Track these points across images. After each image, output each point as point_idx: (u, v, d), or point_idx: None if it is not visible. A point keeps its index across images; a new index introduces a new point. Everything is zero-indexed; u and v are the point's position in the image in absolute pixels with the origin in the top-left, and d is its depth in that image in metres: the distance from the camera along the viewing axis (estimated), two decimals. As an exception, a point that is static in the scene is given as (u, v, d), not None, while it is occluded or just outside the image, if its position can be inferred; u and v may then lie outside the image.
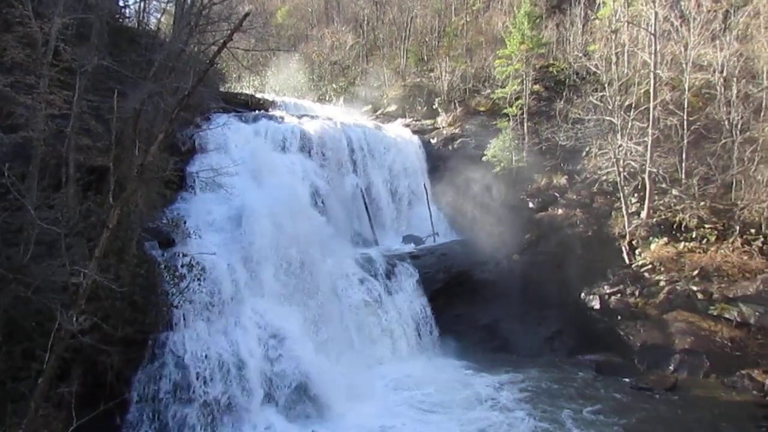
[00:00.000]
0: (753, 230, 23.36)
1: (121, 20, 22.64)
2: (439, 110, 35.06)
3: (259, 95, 36.06)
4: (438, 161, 31.03)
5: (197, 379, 15.21)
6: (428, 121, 34.87)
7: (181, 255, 16.39)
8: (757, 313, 20.48)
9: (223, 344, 16.21)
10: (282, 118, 27.41)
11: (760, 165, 23.95)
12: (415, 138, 32.06)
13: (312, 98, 41.42)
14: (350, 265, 22.36)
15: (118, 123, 14.98)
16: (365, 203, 26.71)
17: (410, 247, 26.28)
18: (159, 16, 25.58)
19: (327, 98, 42.28)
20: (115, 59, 16.56)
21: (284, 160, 24.08)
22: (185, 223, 18.03)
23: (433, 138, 32.80)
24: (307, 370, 16.90)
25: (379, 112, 37.69)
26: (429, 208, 28.37)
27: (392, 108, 37.32)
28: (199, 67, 17.50)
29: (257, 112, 28.55)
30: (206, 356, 15.62)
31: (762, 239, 23.02)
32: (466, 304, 23.14)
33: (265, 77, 45.48)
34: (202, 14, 18.72)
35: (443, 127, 33.70)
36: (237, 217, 19.38)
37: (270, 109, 31.46)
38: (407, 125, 34.26)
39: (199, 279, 16.17)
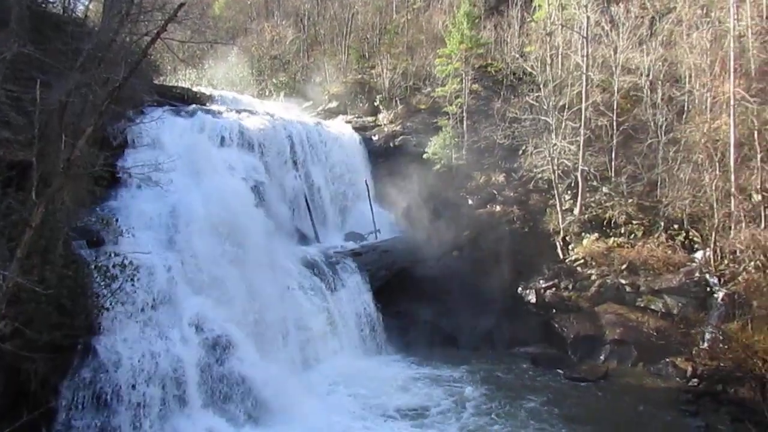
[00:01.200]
0: (676, 226, 24.75)
1: (44, 6, 21.29)
2: (381, 107, 35.14)
3: (196, 89, 34.88)
4: (380, 158, 31.12)
5: (130, 384, 14.58)
6: (370, 118, 34.88)
7: (112, 255, 15.63)
8: (679, 304, 21.71)
9: (159, 347, 15.57)
10: (220, 112, 26.66)
11: (683, 164, 25.40)
12: (357, 135, 32.00)
13: (252, 93, 40.50)
14: (292, 262, 22.07)
15: (42, 115, 14.04)
16: (307, 200, 26.44)
17: (352, 245, 26.22)
18: (87, 3, 24.32)
19: (267, 93, 41.49)
20: (38, 47, 15.54)
21: (223, 155, 23.40)
22: (117, 221, 17.23)
23: (374, 135, 32.84)
24: (248, 371, 16.55)
25: (321, 108, 37.36)
26: (371, 205, 28.40)
27: (334, 104, 37.09)
28: (131, 58, 16.70)
29: (194, 106, 27.65)
30: (140, 360, 14.99)
31: (684, 234, 24.43)
32: (409, 300, 23.33)
33: (202, 70, 44.12)
34: (134, 3, 17.88)
35: (385, 125, 33.80)
36: (174, 215, 18.71)
37: (207, 104, 30.53)
38: (349, 122, 34.14)
39: (132, 279, 15.48)
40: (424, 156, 30.42)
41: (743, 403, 16.86)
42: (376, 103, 35.39)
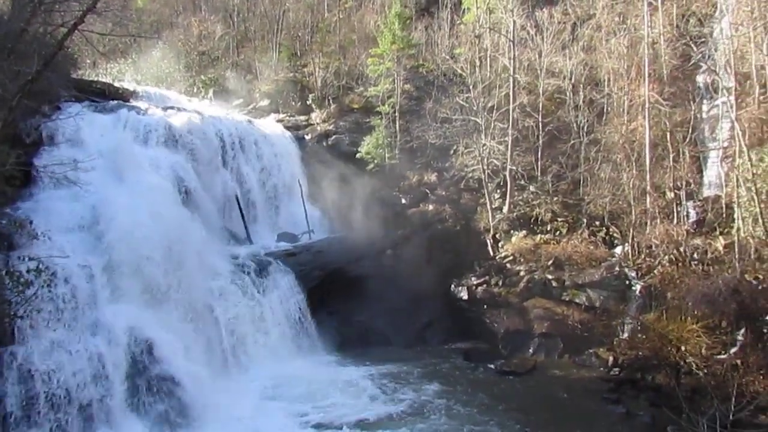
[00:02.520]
0: (597, 222, 25.99)
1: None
2: (313, 106, 34.83)
3: (118, 84, 33.34)
4: (313, 158, 30.82)
5: (49, 395, 13.74)
6: (302, 117, 34.48)
7: (26, 259, 14.67)
8: (601, 297, 22.81)
9: (80, 355, 14.78)
10: (145, 109, 25.60)
11: (603, 164, 26.72)
12: (289, 134, 31.57)
13: (179, 90, 39.10)
14: (222, 264, 21.52)
15: (-56, 110, 13.00)
16: (238, 200, 25.81)
17: (285, 245, 25.84)
18: (-6, -11, 22.66)
19: (196, 90, 40.11)
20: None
21: (148, 154, 22.48)
22: (31, 223, 16.18)
23: (307, 134, 32.52)
24: (175, 375, 16.01)
25: (252, 106, 36.58)
26: (304, 205, 28.10)
27: (265, 103, 36.39)
28: (45, 50, 15.68)
29: (116, 102, 26.39)
30: (59, 369, 14.14)
31: (605, 231, 25.68)
32: (343, 300, 23.28)
33: (125, 65, 42.16)
34: (48, -9, 16.80)
35: (317, 124, 33.54)
36: (94, 216, 17.80)
37: (131, 100, 29.23)
38: (281, 121, 33.61)
39: (48, 285, 14.60)
40: (358, 155, 30.46)
41: (660, 389, 17.93)
42: (308, 102, 35.04)
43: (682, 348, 17.46)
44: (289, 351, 21.27)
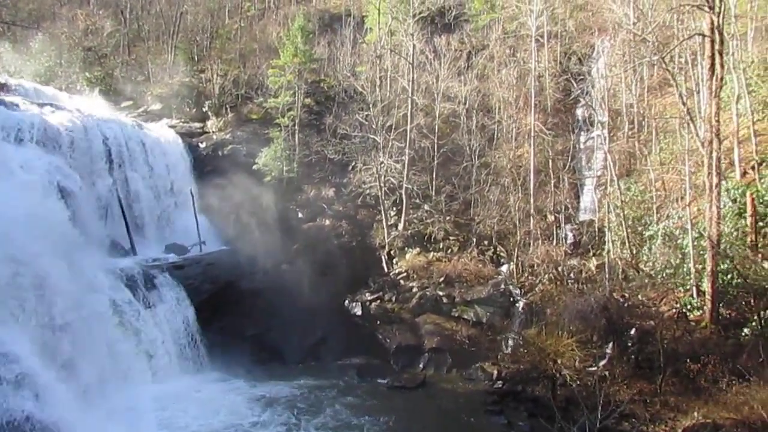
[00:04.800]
0: (486, 242, 27.33)
1: None
2: (210, 114, 33.71)
3: (-15, 75, 30.30)
4: (207, 167, 29.76)
5: None
6: (197, 124, 33.24)
7: None
8: (488, 313, 23.89)
9: None
10: (17, 104, 23.36)
11: (492, 186, 28.27)
12: (182, 141, 30.27)
13: (59, 86, 36.13)
14: (102, 276, 19.96)
15: None
16: (122, 208, 24.22)
17: (174, 257, 24.60)
18: None
19: (79, 88, 37.29)
20: None
21: (19, 154, 20.50)
22: None
23: (202, 142, 31.35)
24: (44, 398, 14.50)
25: (142, 109, 34.68)
26: (195, 216, 26.94)
27: (157, 106, 34.65)
28: None
29: (-18, 95, 23.92)
30: None
31: (493, 250, 27.07)
32: (234, 315, 22.50)
33: (-5, 55, 38.35)
34: None
35: (213, 132, 32.49)
36: (-51, 221, 15.85)
37: (1, 93, 26.58)
38: (173, 126, 32.17)
39: None
40: (255, 167, 29.83)
41: (538, 400, 18.99)
42: (204, 109, 33.86)
43: (559, 361, 18.64)
44: (175, 369, 20.14)
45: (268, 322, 22.95)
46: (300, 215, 29.17)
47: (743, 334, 17.40)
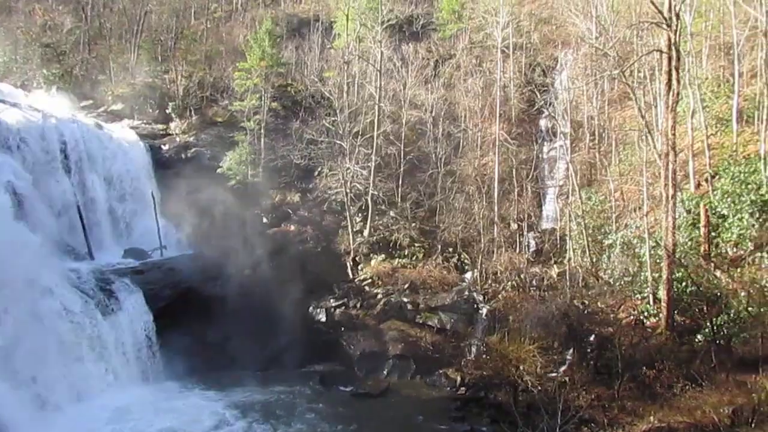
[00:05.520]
0: (451, 249, 27.55)
1: None
2: (174, 116, 33.05)
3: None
4: (169, 170, 29.11)
5: None
6: (160, 126, 32.55)
7: None
8: (452, 320, 24.05)
9: None
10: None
11: (457, 194, 28.56)
12: (144, 143, 29.63)
13: (14, 83, 34.86)
14: (56, 281, 19.31)
15: None
16: (80, 212, 23.53)
17: (133, 262, 24.01)
18: None
19: (36, 85, 36.04)
20: None
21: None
22: None
23: (164, 144, 30.74)
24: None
25: (103, 109, 33.74)
26: (157, 220, 26.37)
27: (118, 107, 33.77)
28: None
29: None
30: None
31: (457, 257, 27.29)
32: (196, 321, 21.95)
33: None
34: None
35: (177, 134, 31.89)
36: None
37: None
38: (135, 128, 31.44)
39: None
40: (219, 171, 29.39)
41: (500, 406, 19.19)
42: (168, 111, 33.17)
43: (521, 367, 18.89)
44: (134, 378, 19.64)
45: (230, 329, 22.51)
46: (264, 220, 28.84)
47: (697, 340, 17.98)
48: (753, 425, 13.85)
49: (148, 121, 32.88)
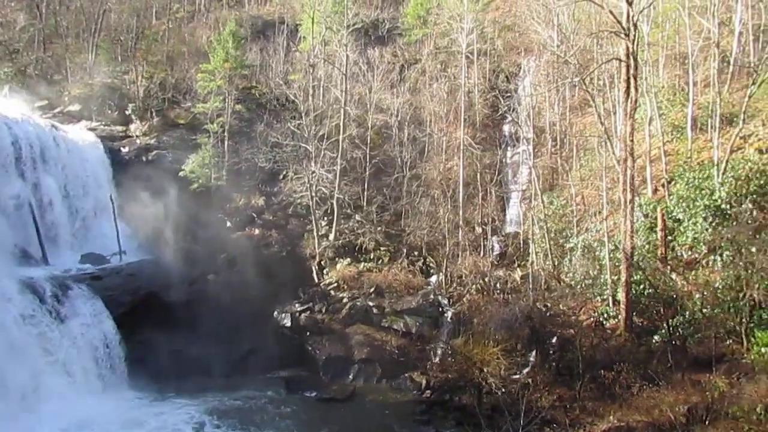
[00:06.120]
0: (416, 252, 27.70)
1: None
2: (134, 117, 32.25)
3: None
4: (129, 172, 28.35)
5: None
6: (119, 128, 31.71)
7: None
8: (417, 323, 24.13)
9: None
10: None
11: (423, 198, 28.74)
12: (102, 145, 28.83)
13: (-37, 82, 33.50)
14: (8, 287, 18.58)
15: None
16: (34, 215, 22.72)
17: (90, 267, 23.30)
18: None
19: (-14, 85, 34.73)
20: None
21: None
22: None
23: (124, 147, 29.99)
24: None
25: (59, 110, 32.66)
26: (116, 224, 25.68)
27: (75, 107, 32.73)
28: None
29: None
30: None
31: (422, 260, 27.46)
32: (157, 328, 21.38)
33: None
34: None
35: (137, 137, 31.14)
36: None
37: None
38: (93, 129, 30.55)
39: None
40: (181, 174, 28.83)
41: (464, 408, 19.33)
42: (128, 112, 32.35)
43: (485, 369, 19.07)
44: (92, 387, 19.00)
45: (193, 335, 22.03)
46: (228, 224, 28.43)
47: (654, 341, 18.52)
48: (707, 423, 14.31)
49: (107, 123, 31.97)
